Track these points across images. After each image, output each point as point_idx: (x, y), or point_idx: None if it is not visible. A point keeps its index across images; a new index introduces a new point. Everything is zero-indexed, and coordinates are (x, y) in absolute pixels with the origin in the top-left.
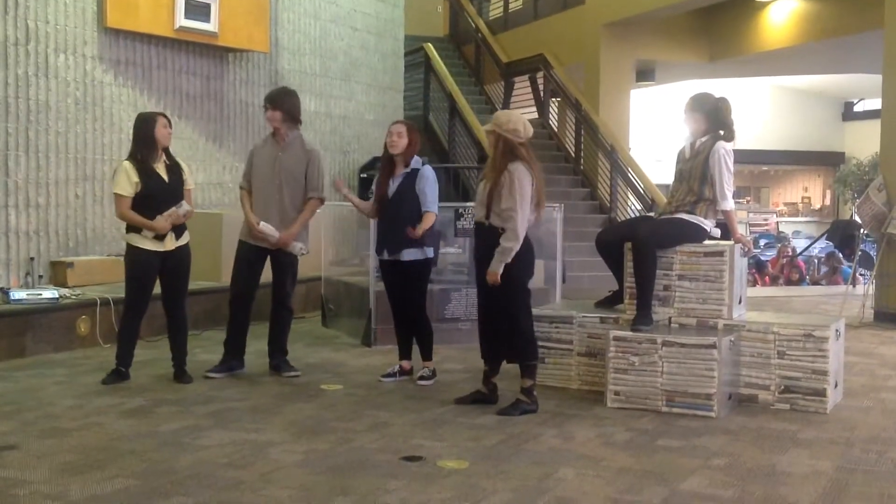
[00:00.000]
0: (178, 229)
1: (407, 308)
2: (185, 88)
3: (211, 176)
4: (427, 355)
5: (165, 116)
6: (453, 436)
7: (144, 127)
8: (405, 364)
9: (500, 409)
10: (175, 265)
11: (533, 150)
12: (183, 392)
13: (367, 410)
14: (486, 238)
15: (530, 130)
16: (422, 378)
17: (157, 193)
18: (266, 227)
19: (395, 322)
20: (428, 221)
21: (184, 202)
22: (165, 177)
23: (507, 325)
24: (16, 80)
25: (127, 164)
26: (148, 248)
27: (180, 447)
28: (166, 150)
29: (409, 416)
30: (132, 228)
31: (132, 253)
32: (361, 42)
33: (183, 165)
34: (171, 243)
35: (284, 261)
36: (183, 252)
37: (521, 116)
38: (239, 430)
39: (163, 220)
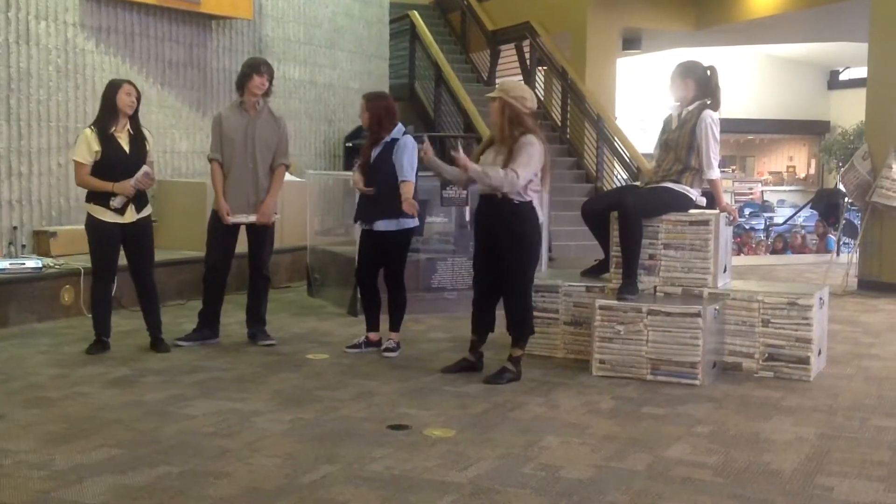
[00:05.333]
0: (139, 201)
1: (386, 277)
2: (168, 56)
3: (195, 144)
4: (395, 327)
5: (132, 84)
6: (439, 404)
7: (108, 93)
8: (372, 335)
9: (486, 378)
10: (136, 237)
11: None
12: (168, 362)
13: (353, 379)
14: (497, 210)
15: (535, 103)
16: (387, 350)
17: (116, 163)
18: (238, 219)
19: (360, 293)
20: (407, 190)
21: (145, 166)
22: (126, 147)
23: (513, 293)
24: None
25: (88, 132)
26: (107, 220)
27: (165, 416)
28: (133, 119)
29: (394, 384)
30: (92, 198)
31: (92, 222)
32: (346, 9)
33: (148, 137)
34: (130, 215)
35: (261, 229)
36: (144, 224)
37: (528, 88)
38: (224, 399)
39: (126, 184)
